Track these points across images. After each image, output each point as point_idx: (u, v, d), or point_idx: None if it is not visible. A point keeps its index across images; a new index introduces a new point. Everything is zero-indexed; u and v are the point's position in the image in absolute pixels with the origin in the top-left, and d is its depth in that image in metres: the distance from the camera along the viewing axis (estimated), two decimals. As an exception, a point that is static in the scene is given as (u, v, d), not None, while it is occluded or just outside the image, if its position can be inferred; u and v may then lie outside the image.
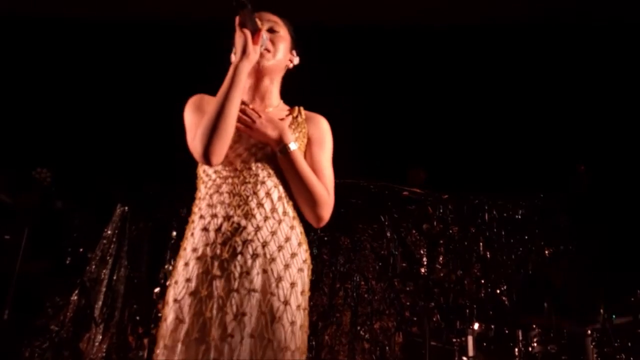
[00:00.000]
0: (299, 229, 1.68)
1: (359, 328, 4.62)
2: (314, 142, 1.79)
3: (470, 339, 4.20)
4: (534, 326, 4.15)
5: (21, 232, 4.47)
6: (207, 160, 1.58)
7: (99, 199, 5.30)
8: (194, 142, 1.61)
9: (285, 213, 1.63)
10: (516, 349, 4.12)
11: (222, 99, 1.60)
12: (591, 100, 5.09)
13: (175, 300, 1.52)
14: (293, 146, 1.66)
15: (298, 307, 1.56)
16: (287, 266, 1.56)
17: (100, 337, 4.87)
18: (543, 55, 5.16)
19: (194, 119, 1.72)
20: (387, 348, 4.53)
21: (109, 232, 5.23)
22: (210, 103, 1.66)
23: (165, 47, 5.27)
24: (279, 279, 1.53)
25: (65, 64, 5.31)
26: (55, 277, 5.05)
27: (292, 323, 1.51)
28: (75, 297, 4.94)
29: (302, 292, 1.59)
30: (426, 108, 5.06)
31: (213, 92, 1.71)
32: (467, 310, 4.41)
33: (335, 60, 4.79)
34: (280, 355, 1.46)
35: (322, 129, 1.84)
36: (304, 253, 1.65)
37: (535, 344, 4.10)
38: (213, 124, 1.56)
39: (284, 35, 1.85)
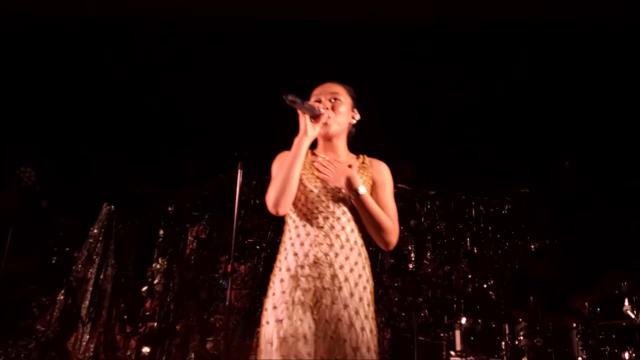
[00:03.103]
0: (364, 254, 2.07)
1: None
2: (378, 185, 2.16)
3: (457, 333, 4.24)
4: (521, 320, 4.19)
5: (6, 231, 4.41)
6: (275, 212, 2.03)
7: (85, 198, 5.25)
8: (267, 197, 2.04)
9: (355, 242, 2.05)
10: (503, 343, 4.17)
11: (287, 167, 2.02)
12: (578, 96, 5.14)
13: (274, 307, 1.95)
14: (362, 190, 2.05)
15: (366, 316, 1.95)
16: (356, 284, 1.98)
17: (88, 336, 4.84)
18: (532, 52, 5.20)
19: (274, 175, 2.12)
20: (375, 343, 4.55)
21: (96, 231, 5.19)
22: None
23: (156, 46, 5.23)
24: (351, 295, 1.95)
25: (52, 63, 5.24)
26: (41, 276, 4.99)
27: (362, 329, 1.92)
28: (62, 297, 4.90)
29: (368, 305, 1.99)
30: (415, 103, 5.08)
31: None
32: (455, 305, 4.45)
33: (325, 54, 4.80)
34: (352, 354, 1.87)
35: (383, 173, 2.20)
36: (367, 273, 2.04)
37: (521, 337, 4.15)
38: (280, 187, 2.01)
39: (344, 100, 2.20)
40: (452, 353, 4.19)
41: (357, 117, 2.26)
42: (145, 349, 4.85)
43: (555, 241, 4.72)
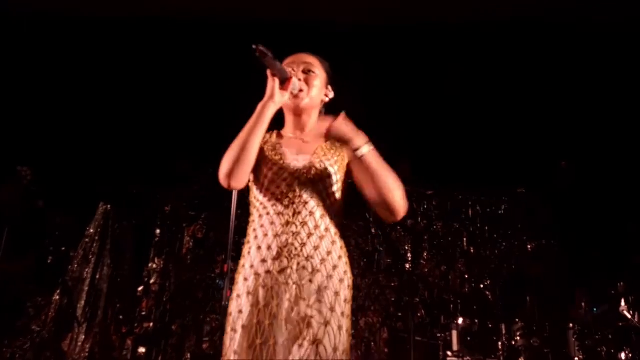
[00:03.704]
0: (339, 243, 1.80)
1: (344, 324, 4.62)
2: (354, 161, 1.86)
3: (454, 333, 4.23)
4: (517, 320, 4.19)
5: (1, 230, 4.39)
6: (227, 184, 1.74)
7: (81, 197, 5.23)
8: (220, 168, 1.75)
9: (327, 230, 1.77)
10: (500, 343, 4.17)
11: (245, 133, 1.75)
12: (574, 96, 5.15)
13: (240, 312, 1.72)
14: (367, 148, 1.74)
15: (342, 313, 1.71)
16: (330, 277, 1.72)
17: (83, 336, 4.82)
18: (527, 52, 5.20)
19: None
20: (372, 344, 4.55)
21: (92, 230, 5.17)
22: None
23: (150, 45, 5.22)
24: (326, 288, 1.70)
25: (47, 62, 5.23)
26: (36, 276, 4.97)
27: (340, 328, 1.67)
28: (57, 297, 4.88)
29: (345, 300, 1.74)
30: (411, 103, 5.08)
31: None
32: (452, 305, 4.45)
33: (324, 52, 4.78)
34: (332, 355, 1.61)
35: None
36: (344, 265, 1.79)
37: (518, 338, 4.15)
38: (235, 154, 1.73)
39: (318, 74, 1.96)
40: (449, 353, 4.19)
41: (331, 94, 2.02)
42: (141, 349, 4.83)
43: (552, 241, 4.73)
